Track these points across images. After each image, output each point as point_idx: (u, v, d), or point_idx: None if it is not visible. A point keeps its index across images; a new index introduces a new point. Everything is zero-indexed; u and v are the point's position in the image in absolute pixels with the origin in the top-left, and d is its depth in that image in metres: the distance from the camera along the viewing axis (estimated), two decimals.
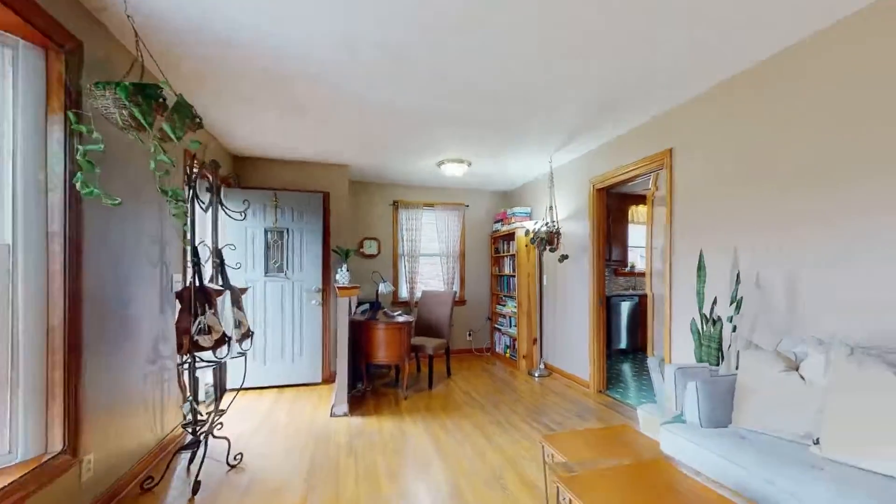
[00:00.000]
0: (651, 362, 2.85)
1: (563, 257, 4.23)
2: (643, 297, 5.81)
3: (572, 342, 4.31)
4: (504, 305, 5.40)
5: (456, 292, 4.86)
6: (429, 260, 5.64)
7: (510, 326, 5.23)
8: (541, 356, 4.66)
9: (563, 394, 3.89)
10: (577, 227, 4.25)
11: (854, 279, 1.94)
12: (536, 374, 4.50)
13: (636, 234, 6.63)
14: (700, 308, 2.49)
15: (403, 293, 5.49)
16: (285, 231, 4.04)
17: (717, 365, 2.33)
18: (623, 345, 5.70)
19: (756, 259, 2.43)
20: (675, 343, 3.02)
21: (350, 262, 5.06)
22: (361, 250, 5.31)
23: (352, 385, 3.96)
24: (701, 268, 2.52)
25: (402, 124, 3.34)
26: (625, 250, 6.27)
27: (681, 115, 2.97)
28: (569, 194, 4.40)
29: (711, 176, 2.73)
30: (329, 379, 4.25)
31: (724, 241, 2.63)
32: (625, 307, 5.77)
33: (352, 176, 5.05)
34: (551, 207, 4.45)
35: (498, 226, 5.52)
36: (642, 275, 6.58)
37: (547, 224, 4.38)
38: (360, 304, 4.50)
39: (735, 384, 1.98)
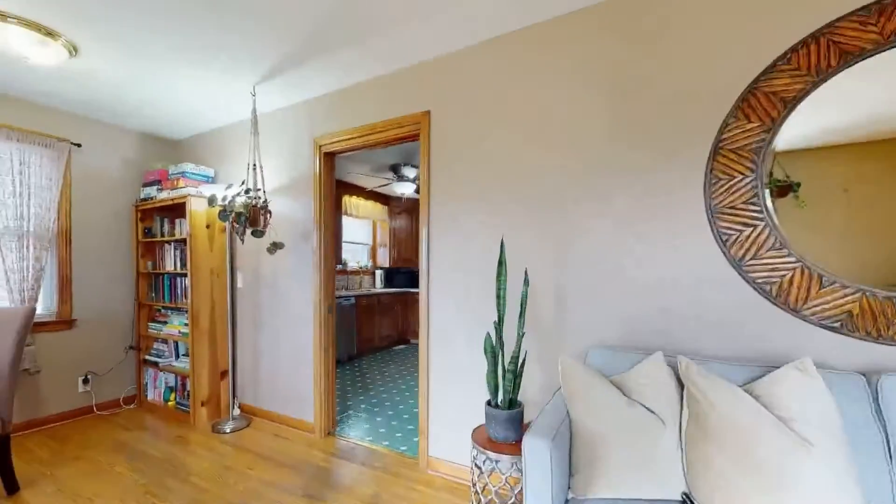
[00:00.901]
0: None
1: (276, 246, 2.82)
2: (360, 298, 5.15)
3: (287, 370, 2.95)
4: (165, 323, 3.28)
5: (34, 308, 2.42)
6: None
7: (176, 357, 3.20)
8: (234, 397, 3.00)
9: (277, 455, 2.48)
10: (294, 206, 2.94)
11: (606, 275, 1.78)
12: (228, 429, 2.82)
13: (350, 229, 5.96)
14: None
15: None
16: None
17: (515, 392, 1.70)
18: (339, 356, 4.82)
19: (522, 250, 2.03)
20: (432, 357, 2.33)
21: None
22: None
23: None
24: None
25: None
26: (338, 245, 5.42)
27: (443, 69, 2.28)
28: (282, 156, 3.01)
29: (475, 148, 2.17)
30: None
31: (492, 230, 2.12)
32: (342, 311, 4.90)
33: None
34: (255, 167, 2.89)
35: (152, 190, 3.30)
36: (357, 273, 5.97)
37: (248, 193, 2.81)
38: None
39: (571, 430, 1.37)
